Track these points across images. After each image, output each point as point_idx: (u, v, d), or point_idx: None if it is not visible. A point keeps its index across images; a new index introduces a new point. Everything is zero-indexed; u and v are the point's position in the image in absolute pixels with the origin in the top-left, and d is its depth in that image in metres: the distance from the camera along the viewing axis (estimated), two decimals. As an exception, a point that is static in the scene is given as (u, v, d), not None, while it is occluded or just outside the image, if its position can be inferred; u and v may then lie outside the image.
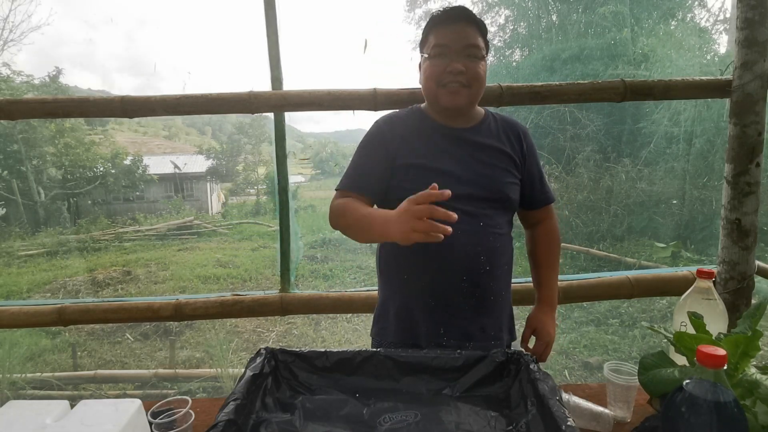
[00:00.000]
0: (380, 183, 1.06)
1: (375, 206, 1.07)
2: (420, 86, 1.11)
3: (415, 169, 1.04)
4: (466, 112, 1.09)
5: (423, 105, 1.14)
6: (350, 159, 1.12)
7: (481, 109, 1.15)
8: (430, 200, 0.78)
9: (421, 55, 1.08)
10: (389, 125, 1.10)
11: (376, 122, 1.12)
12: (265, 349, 0.85)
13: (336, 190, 1.08)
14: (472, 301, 1.04)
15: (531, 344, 1.16)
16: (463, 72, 1.01)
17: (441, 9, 1.04)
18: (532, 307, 1.23)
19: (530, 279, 1.28)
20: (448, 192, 0.77)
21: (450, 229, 0.77)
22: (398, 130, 1.08)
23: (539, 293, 1.20)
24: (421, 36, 1.10)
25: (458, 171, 1.04)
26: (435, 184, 0.80)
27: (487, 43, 1.06)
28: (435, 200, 0.78)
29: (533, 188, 1.15)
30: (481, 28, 1.04)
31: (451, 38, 1.01)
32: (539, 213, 1.20)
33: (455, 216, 0.78)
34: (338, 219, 1.02)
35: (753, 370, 0.75)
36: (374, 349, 0.85)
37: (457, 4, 1.07)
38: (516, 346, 1.14)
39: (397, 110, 1.16)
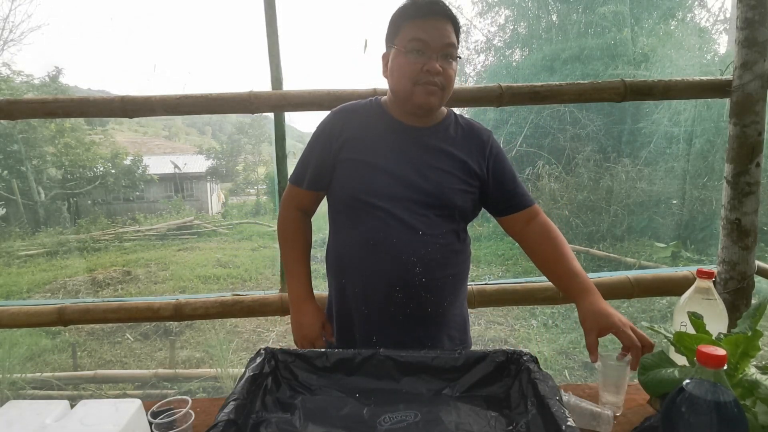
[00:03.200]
0: (323, 178, 1.07)
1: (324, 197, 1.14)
2: (385, 79, 1.05)
3: (358, 164, 1.01)
4: (434, 113, 1.05)
5: (383, 98, 1.09)
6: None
7: (444, 110, 1.10)
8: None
9: (390, 47, 1.00)
10: (342, 118, 1.06)
11: (332, 112, 1.08)
12: (265, 349, 0.85)
13: (289, 182, 1.14)
14: (406, 311, 1.00)
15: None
16: (440, 73, 0.96)
17: (413, 0, 0.97)
18: (530, 307, 1.21)
19: (530, 279, 1.26)
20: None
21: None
22: (351, 122, 1.04)
23: (574, 285, 0.98)
24: (388, 26, 1.01)
25: (401, 171, 1.00)
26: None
27: (459, 41, 1.01)
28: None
29: (504, 192, 1.08)
30: (456, 26, 0.99)
31: (431, 35, 0.94)
32: (520, 217, 1.08)
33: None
34: (279, 233, 1.15)
35: (753, 370, 0.75)
36: (374, 349, 0.85)
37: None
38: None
39: (357, 101, 1.11)
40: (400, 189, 0.99)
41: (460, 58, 1.02)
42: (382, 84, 1.50)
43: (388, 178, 0.99)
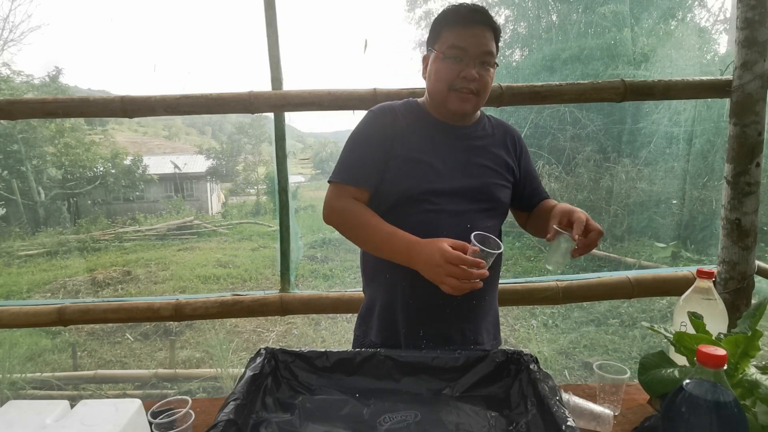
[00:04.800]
0: (377, 175, 1.03)
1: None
2: (424, 80, 1.08)
3: (411, 163, 1.02)
4: (469, 117, 1.09)
5: (420, 99, 1.12)
6: (343, 147, 1.07)
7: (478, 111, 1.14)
8: (466, 254, 0.85)
9: (430, 50, 1.04)
10: (390, 116, 1.06)
11: (374, 111, 1.07)
12: (265, 349, 0.85)
13: (330, 182, 1.04)
14: (453, 304, 1.02)
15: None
16: (476, 79, 0.99)
17: (457, 5, 1.00)
18: (530, 307, 1.22)
19: (529, 279, 1.27)
20: (485, 273, 0.85)
21: (480, 284, 0.85)
22: (398, 120, 1.05)
23: (552, 205, 1.05)
24: (430, 30, 1.05)
25: (448, 168, 1.03)
26: (476, 248, 0.84)
27: (498, 48, 1.04)
28: (471, 255, 0.85)
29: (529, 190, 1.15)
30: (497, 33, 1.02)
31: (470, 42, 0.98)
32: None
33: (487, 274, 0.85)
34: (346, 223, 1.01)
35: (753, 370, 0.75)
36: (374, 349, 0.85)
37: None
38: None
39: (392, 102, 1.11)
40: (448, 185, 1.02)
41: (497, 65, 1.04)
42: (382, 84, 1.51)
43: (437, 174, 1.02)
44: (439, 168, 1.02)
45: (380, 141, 1.03)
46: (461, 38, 0.98)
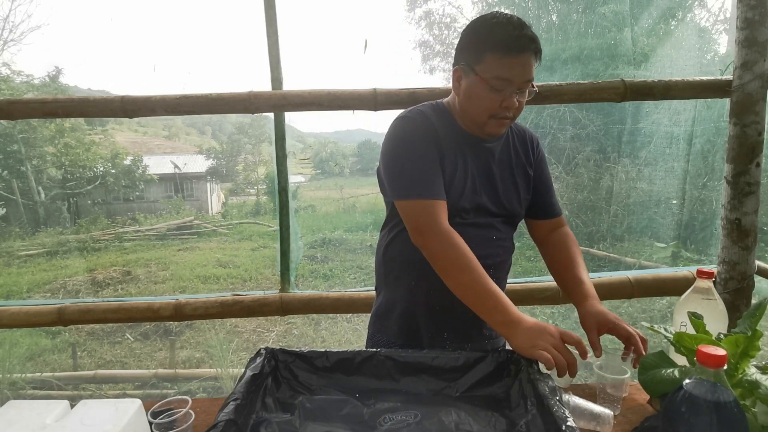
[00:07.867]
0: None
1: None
2: (455, 92, 1.04)
3: (446, 178, 1.02)
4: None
5: (446, 102, 1.09)
6: (391, 162, 1.02)
7: None
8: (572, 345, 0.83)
9: (465, 66, 0.98)
10: (427, 122, 1.02)
11: (409, 118, 1.02)
12: (265, 349, 0.85)
13: (410, 198, 0.97)
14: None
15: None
16: (515, 107, 0.98)
17: (505, 25, 0.94)
18: (530, 307, 1.23)
19: (529, 279, 1.27)
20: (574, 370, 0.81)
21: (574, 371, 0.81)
22: (435, 128, 1.02)
23: (577, 291, 1.03)
24: (469, 42, 0.98)
25: (477, 182, 1.04)
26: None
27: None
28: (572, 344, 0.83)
29: (544, 197, 1.15)
30: (540, 55, 0.97)
31: (516, 73, 0.94)
32: (550, 224, 1.17)
33: (571, 378, 0.84)
34: (446, 257, 0.94)
35: (753, 370, 0.75)
36: (374, 349, 0.85)
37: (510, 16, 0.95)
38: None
39: (422, 106, 1.06)
40: (477, 201, 1.04)
41: (535, 90, 1.00)
42: (382, 84, 1.51)
43: (471, 191, 1.04)
44: (467, 179, 1.04)
45: (431, 148, 1.00)
46: (507, 69, 0.93)
